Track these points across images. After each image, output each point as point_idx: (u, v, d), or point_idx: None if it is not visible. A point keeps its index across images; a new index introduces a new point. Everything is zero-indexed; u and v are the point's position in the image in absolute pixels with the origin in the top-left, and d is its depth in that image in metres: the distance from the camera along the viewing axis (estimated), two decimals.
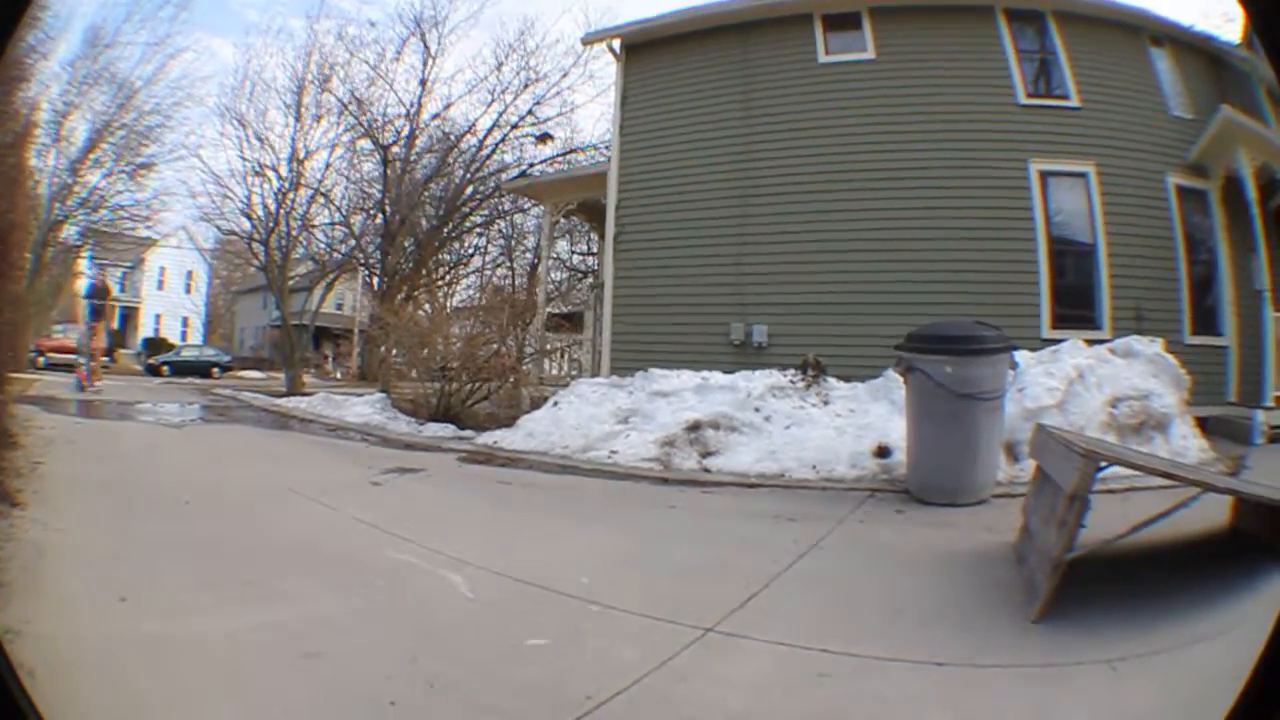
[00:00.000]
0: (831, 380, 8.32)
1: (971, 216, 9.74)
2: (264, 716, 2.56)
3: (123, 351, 38.54)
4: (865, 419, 7.41)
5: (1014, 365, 5.92)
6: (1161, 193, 10.43)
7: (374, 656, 3.03)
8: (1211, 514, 4.08)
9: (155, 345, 33.75)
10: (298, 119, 22.55)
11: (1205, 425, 8.02)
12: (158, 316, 39.40)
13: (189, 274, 44.61)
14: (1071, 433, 5.13)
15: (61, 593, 3.56)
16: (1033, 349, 7.70)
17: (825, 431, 7.34)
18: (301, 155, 22.38)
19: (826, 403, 7.98)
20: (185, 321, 43.59)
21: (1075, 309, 9.65)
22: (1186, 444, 7.03)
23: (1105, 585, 3.44)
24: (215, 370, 28.37)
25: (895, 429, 6.61)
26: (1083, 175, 9.97)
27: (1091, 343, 8.04)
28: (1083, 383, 7.16)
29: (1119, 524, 3.52)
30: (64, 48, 22.49)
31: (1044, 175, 9.93)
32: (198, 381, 22.68)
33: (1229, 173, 10.35)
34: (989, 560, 4.22)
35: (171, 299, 42.40)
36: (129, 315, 53.67)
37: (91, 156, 26.32)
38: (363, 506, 5.70)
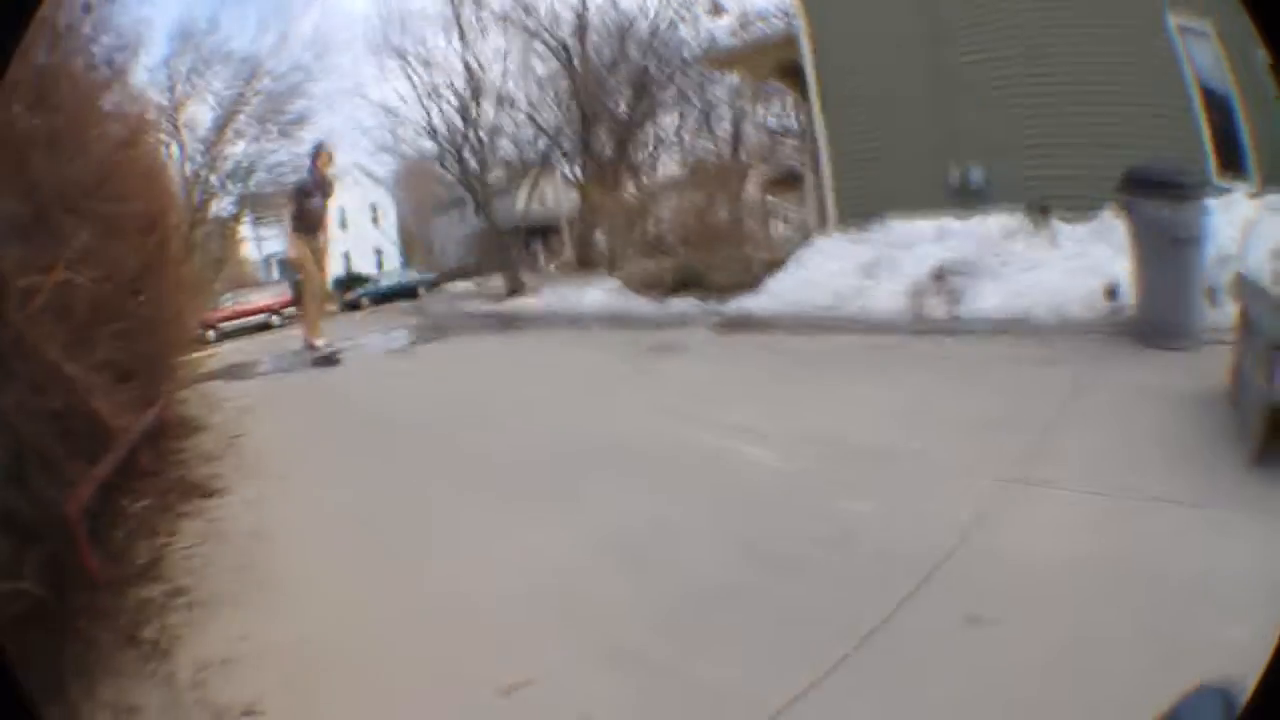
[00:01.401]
0: (1056, 222, 8.10)
1: (1134, 58, 9.26)
2: (613, 640, 2.50)
3: None
4: (1090, 260, 7.16)
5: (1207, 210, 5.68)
6: None
7: (705, 550, 3.00)
8: None
9: (350, 282, 34.67)
10: (462, 37, 23.06)
11: None
12: (346, 255, 41.15)
13: (372, 207, 47.00)
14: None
15: (309, 576, 3.28)
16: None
17: (1057, 274, 7.19)
18: (476, 70, 23.00)
19: (1055, 245, 7.80)
20: (379, 253, 46.03)
21: (1231, 158, 9.08)
22: None
23: None
24: (420, 290, 29.71)
25: (1118, 270, 6.36)
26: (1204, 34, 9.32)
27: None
28: (1254, 233, 6.75)
29: None
30: (154, 50, 23.14)
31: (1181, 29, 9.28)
32: (405, 305, 23.56)
33: None
34: (1211, 404, 3.92)
35: (358, 235, 44.62)
36: None
37: (229, 130, 27.86)
38: (638, 391, 5.75)
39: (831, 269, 8.74)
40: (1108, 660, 1.98)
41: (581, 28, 24.24)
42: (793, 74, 13.43)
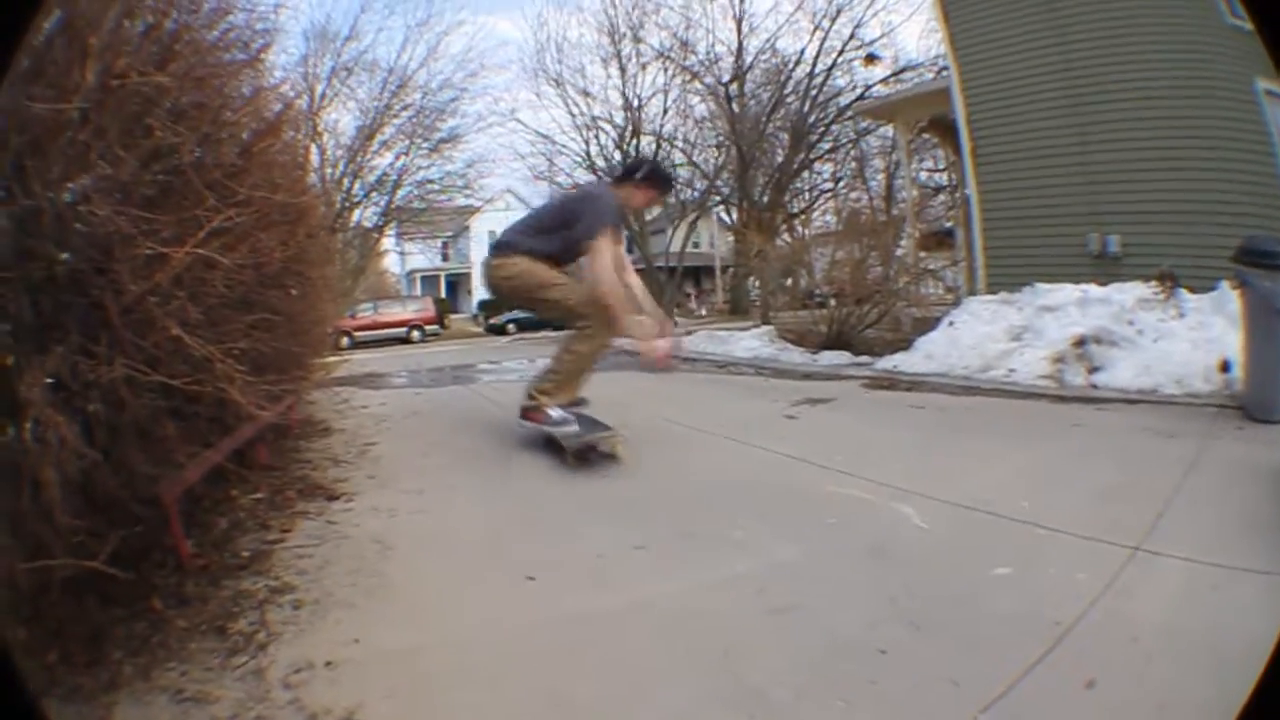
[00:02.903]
0: (1182, 292, 8.14)
1: (1233, 131, 9.63)
2: (748, 686, 2.41)
3: (454, 317, 41.32)
4: (1211, 332, 7.28)
5: None
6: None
7: (848, 602, 2.93)
8: None
9: (492, 306, 34.71)
10: (621, 70, 23.41)
11: None
12: None
13: None
14: None
15: (429, 590, 3.20)
16: None
17: (1184, 345, 7.27)
18: (635, 103, 23.25)
19: (1181, 315, 7.82)
20: None
21: None
22: None
23: None
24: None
25: (1233, 343, 6.52)
26: None
27: None
28: None
29: None
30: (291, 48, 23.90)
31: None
32: (551, 334, 23.16)
33: None
34: None
35: None
36: (455, 282, 57.79)
37: (375, 140, 28.61)
38: (784, 440, 5.69)
39: (981, 331, 8.69)
40: None
41: (740, 69, 24.33)
42: (945, 128, 13.23)
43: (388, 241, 37.55)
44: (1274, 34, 1.58)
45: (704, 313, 26.97)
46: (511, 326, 30.51)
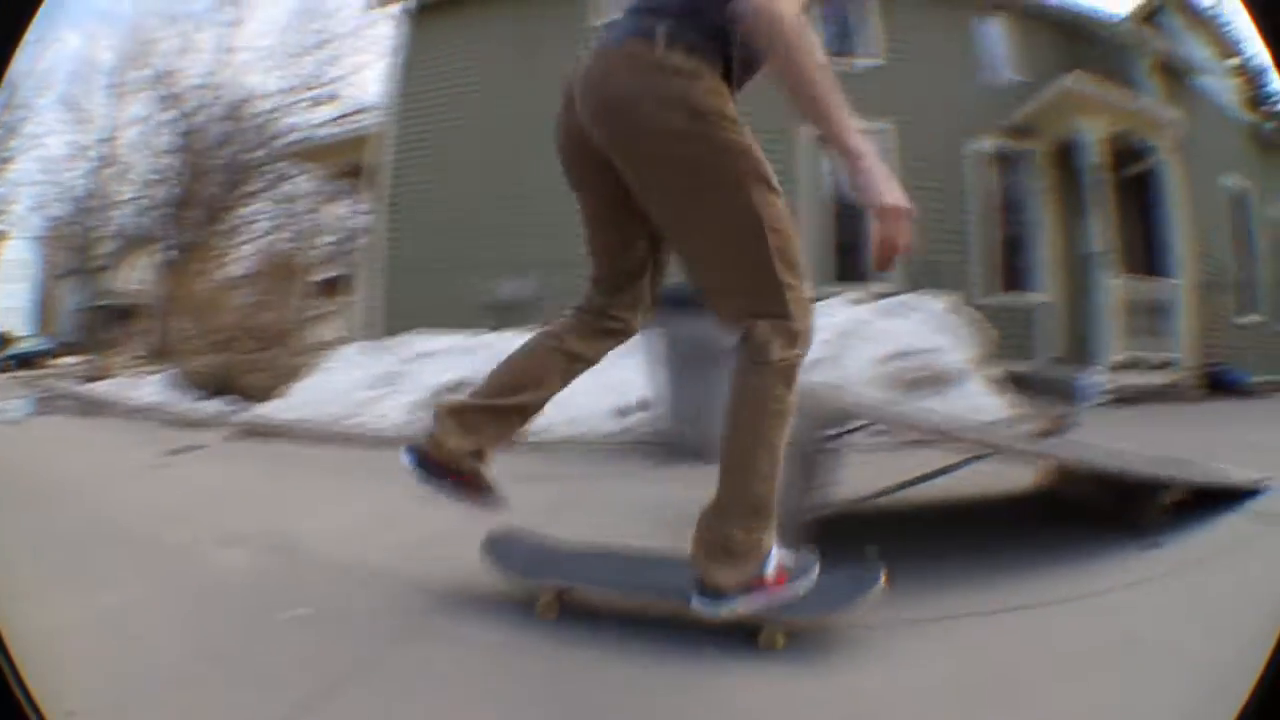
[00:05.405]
0: None
1: None
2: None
3: None
4: (624, 374, 7.29)
5: None
6: (961, 154, 11.93)
7: (177, 636, 3.02)
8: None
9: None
10: (117, 97, 21.99)
11: (1033, 384, 9.17)
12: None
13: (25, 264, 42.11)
14: (835, 388, 5.64)
15: None
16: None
17: (585, 388, 7.57)
18: (112, 133, 21.73)
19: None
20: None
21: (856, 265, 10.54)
22: (980, 401, 7.37)
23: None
24: (44, 360, 26.65)
25: (647, 384, 6.83)
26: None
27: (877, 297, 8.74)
28: (857, 336, 7.67)
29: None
30: None
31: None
32: (30, 373, 20.84)
33: (1063, 137, 11.90)
34: None
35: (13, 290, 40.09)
36: None
37: None
38: (146, 489, 5.67)
39: (354, 378, 8.94)
40: None
41: (207, 101, 23.23)
42: (362, 173, 13.59)
43: None
44: (1274, 34, 1.54)
45: (143, 353, 24.95)
46: (12, 363, 25.26)
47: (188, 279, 15.07)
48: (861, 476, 3.70)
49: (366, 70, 18.45)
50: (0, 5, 1.71)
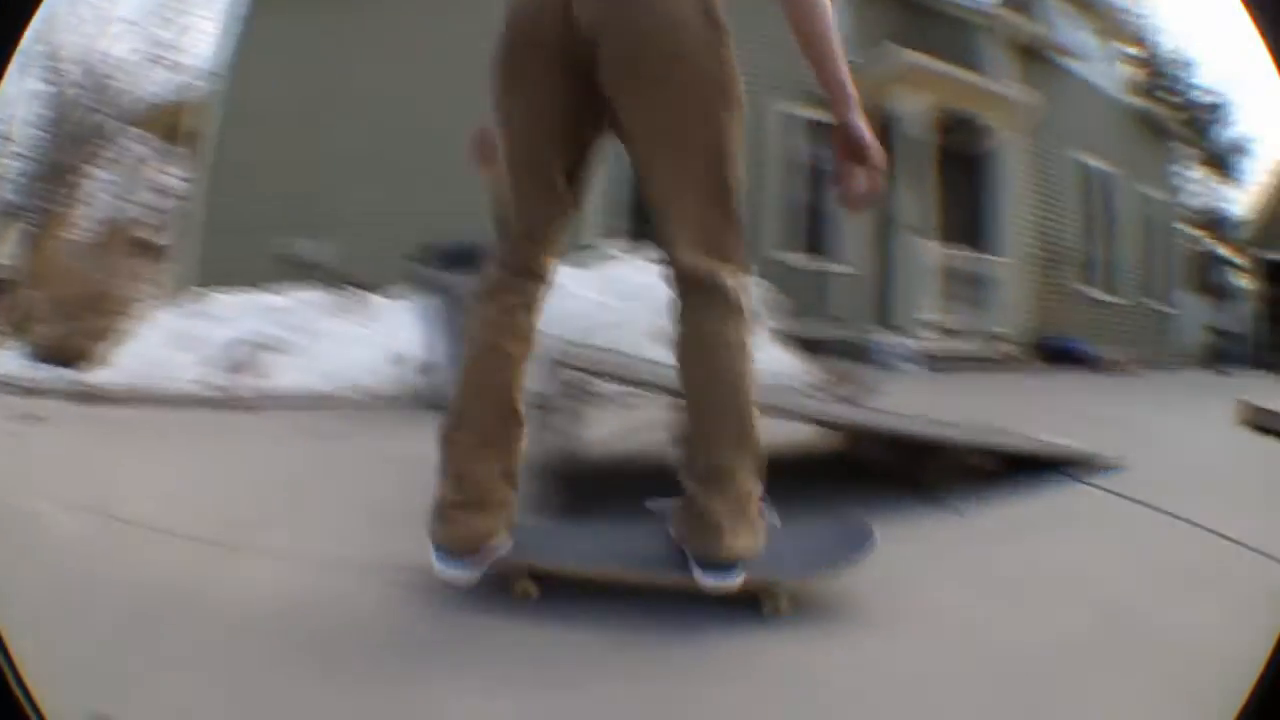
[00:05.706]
0: (374, 296, 9.21)
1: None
2: None
3: None
4: (402, 334, 7.65)
5: None
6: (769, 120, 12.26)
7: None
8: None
9: None
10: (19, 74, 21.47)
11: (829, 347, 9.68)
12: None
13: None
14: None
15: None
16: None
17: (365, 348, 8.03)
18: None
19: (369, 320, 8.86)
20: None
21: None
22: (772, 362, 7.76)
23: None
24: None
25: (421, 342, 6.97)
26: None
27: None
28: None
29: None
30: None
31: None
32: None
33: (883, 110, 12.04)
34: None
35: None
36: None
37: None
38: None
39: (156, 340, 9.34)
40: None
41: (69, 73, 23.00)
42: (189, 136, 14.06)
43: None
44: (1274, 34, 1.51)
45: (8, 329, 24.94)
46: None
47: (44, 250, 15.62)
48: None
49: (210, 37, 18.42)
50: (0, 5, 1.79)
